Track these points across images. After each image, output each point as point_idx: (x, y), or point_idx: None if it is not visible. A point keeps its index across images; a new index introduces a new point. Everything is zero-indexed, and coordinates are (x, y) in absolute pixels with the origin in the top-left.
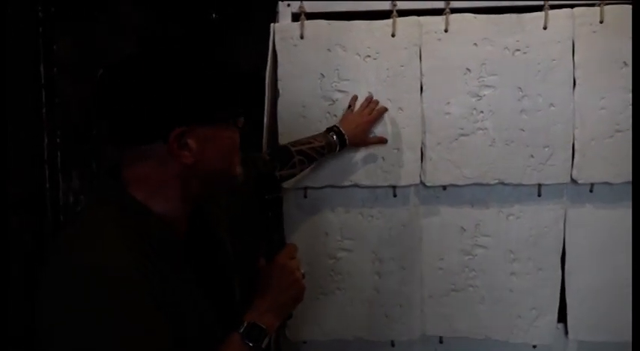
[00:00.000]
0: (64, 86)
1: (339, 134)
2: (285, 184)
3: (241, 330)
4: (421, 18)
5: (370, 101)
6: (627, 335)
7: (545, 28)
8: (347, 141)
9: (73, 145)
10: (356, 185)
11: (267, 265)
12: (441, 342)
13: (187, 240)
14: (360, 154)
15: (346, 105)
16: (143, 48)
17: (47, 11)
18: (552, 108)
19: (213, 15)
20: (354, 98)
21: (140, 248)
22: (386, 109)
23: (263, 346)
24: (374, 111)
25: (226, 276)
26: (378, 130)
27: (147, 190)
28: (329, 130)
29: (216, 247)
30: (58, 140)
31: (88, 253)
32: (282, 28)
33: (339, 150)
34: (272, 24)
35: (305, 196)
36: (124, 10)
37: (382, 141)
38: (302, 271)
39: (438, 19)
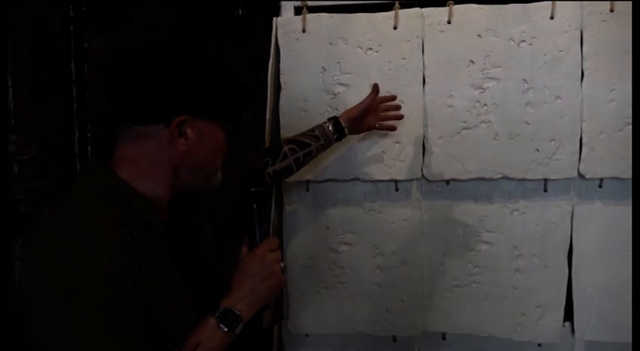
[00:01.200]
0: (95, 83)
1: (334, 119)
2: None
3: (217, 314)
4: (424, 9)
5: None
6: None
7: (552, 17)
8: (343, 124)
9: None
10: (357, 179)
11: (248, 255)
12: (444, 338)
13: (168, 226)
14: (362, 148)
15: (348, 98)
16: (162, 40)
17: (78, 10)
18: (559, 100)
19: (240, 11)
20: None
21: (124, 227)
22: (394, 97)
23: (236, 332)
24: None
25: (204, 263)
26: None
27: (135, 170)
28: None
29: (195, 234)
30: (88, 135)
31: (69, 232)
32: (285, 21)
33: (338, 137)
34: (274, 18)
35: (307, 190)
36: (154, 9)
37: (390, 127)
38: (282, 264)
39: (441, 11)
